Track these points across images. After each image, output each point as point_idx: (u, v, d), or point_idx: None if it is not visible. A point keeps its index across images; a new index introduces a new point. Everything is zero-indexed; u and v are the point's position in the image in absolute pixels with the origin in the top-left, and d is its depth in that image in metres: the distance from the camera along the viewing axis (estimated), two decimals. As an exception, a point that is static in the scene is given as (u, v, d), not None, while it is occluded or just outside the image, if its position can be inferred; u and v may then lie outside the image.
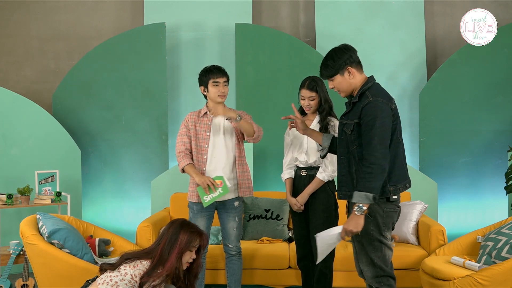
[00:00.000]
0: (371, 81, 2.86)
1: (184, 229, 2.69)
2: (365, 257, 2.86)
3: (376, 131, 2.68)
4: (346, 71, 2.81)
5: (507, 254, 3.46)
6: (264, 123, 4.35)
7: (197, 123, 3.61)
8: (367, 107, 2.72)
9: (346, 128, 2.84)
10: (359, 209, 2.65)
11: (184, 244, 2.65)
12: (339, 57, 2.81)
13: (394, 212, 2.86)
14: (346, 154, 2.86)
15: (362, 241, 2.85)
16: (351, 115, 2.83)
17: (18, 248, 4.06)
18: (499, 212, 5.44)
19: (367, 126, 2.70)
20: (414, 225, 4.38)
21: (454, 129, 5.52)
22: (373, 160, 2.65)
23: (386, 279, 2.85)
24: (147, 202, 5.53)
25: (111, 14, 5.93)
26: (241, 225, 3.68)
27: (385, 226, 2.82)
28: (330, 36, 5.67)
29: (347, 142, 2.85)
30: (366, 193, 2.64)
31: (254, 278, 4.22)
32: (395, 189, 2.80)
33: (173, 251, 2.63)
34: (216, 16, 5.72)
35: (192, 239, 2.68)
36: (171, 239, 2.66)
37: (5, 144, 5.02)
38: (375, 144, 2.67)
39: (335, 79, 2.84)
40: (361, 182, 2.67)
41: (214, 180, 3.44)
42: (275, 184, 5.36)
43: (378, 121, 2.69)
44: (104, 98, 5.61)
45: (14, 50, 5.90)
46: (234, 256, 3.66)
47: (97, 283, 2.62)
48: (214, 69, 3.58)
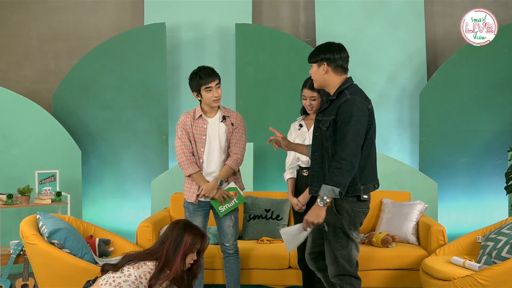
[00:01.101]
0: (349, 81, 2.94)
1: (188, 230, 2.70)
2: (330, 254, 2.92)
3: (350, 128, 2.74)
4: (322, 66, 2.94)
5: (507, 254, 3.46)
6: (264, 123, 4.36)
7: (193, 125, 3.57)
8: (345, 105, 2.80)
9: (321, 125, 2.92)
10: (322, 201, 2.74)
11: (189, 246, 2.66)
12: (324, 51, 2.95)
13: (363, 212, 2.92)
14: (319, 150, 2.93)
15: (329, 237, 2.90)
16: (327, 112, 2.91)
17: (18, 248, 4.05)
18: (499, 212, 5.44)
19: (343, 123, 2.77)
20: (414, 225, 4.38)
21: (454, 129, 5.52)
22: (344, 156, 2.72)
23: (349, 278, 2.90)
24: (147, 202, 5.53)
25: (111, 14, 5.93)
26: (237, 223, 3.67)
27: (352, 225, 2.88)
28: (330, 36, 5.62)
29: (321, 139, 2.92)
30: (333, 187, 2.71)
31: (254, 278, 4.22)
32: (365, 188, 2.86)
33: (178, 253, 2.64)
34: (216, 16, 5.72)
35: (196, 240, 2.69)
36: (176, 240, 2.67)
37: (5, 144, 5.02)
38: (348, 140, 2.73)
39: (313, 67, 3.00)
40: (330, 176, 2.74)
41: (228, 191, 3.49)
42: (275, 184, 5.36)
43: (354, 118, 2.76)
44: (104, 98, 5.60)
45: (14, 50, 5.90)
46: (232, 255, 3.66)
47: (98, 283, 2.62)
48: (203, 74, 3.46)
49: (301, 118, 3.71)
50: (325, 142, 2.88)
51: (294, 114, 3.89)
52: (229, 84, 5.53)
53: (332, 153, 2.84)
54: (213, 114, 3.59)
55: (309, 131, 3.59)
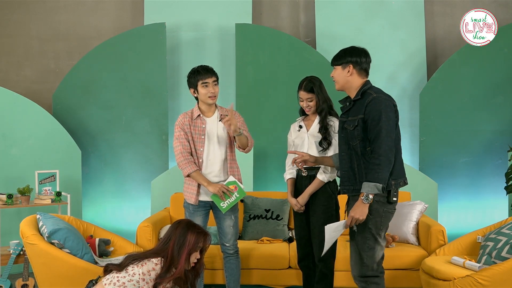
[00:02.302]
0: (369, 83, 3.04)
1: (191, 229, 2.71)
2: (356, 255, 2.94)
3: (383, 124, 2.82)
4: (347, 67, 3.00)
5: (507, 254, 3.46)
6: (264, 123, 4.36)
7: (191, 125, 3.56)
8: (372, 103, 2.87)
9: (347, 125, 2.97)
10: (366, 198, 2.79)
11: (192, 245, 2.68)
12: (350, 54, 3.01)
13: (391, 213, 2.96)
14: (347, 150, 2.99)
15: (356, 238, 2.93)
16: (353, 112, 2.97)
17: (18, 248, 4.06)
18: (499, 212, 5.44)
19: (373, 121, 2.84)
20: (414, 225, 4.38)
21: (454, 129, 5.52)
22: (381, 151, 2.79)
23: (373, 278, 2.93)
24: (147, 202, 5.53)
25: (111, 14, 5.93)
26: (237, 223, 3.67)
27: (382, 226, 2.92)
28: (330, 36, 5.67)
29: (347, 139, 2.97)
30: (375, 183, 2.77)
31: (254, 278, 4.22)
32: (396, 183, 2.90)
33: (183, 252, 2.66)
34: (216, 16, 5.72)
35: (199, 239, 2.70)
36: (179, 240, 2.68)
37: (5, 144, 5.02)
38: (383, 137, 2.81)
39: (337, 69, 3.04)
40: (370, 173, 2.80)
41: (227, 186, 3.46)
42: (275, 184, 5.36)
43: (384, 115, 2.84)
44: (104, 98, 5.60)
45: (14, 50, 5.90)
46: (232, 255, 3.65)
47: (102, 283, 2.62)
48: (202, 69, 3.52)
49: (301, 119, 3.70)
50: (352, 141, 2.94)
51: (294, 114, 3.89)
52: (229, 84, 5.53)
53: (361, 151, 2.90)
54: (210, 114, 3.60)
55: (308, 132, 3.59)
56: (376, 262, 2.94)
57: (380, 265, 2.98)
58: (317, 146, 3.51)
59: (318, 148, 3.51)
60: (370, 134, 2.85)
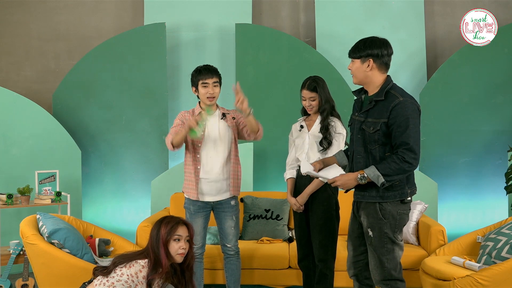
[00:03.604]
0: (391, 80, 2.85)
1: (163, 222, 2.71)
2: (375, 260, 2.83)
3: (410, 132, 2.67)
4: (367, 62, 2.81)
5: (507, 254, 3.46)
6: (264, 123, 4.34)
7: None
8: (399, 107, 2.70)
9: (366, 126, 2.79)
10: (362, 178, 2.69)
11: (165, 236, 2.66)
12: (370, 47, 2.82)
13: (406, 214, 2.84)
14: (363, 153, 2.82)
15: (374, 243, 2.81)
16: (374, 113, 2.79)
17: (18, 248, 4.06)
18: (499, 212, 5.44)
19: (400, 127, 2.68)
20: (414, 225, 4.38)
21: (454, 129, 5.52)
22: (409, 159, 2.65)
23: (394, 282, 2.82)
24: (147, 202, 5.53)
25: (111, 14, 5.93)
26: (238, 224, 3.67)
27: (398, 228, 2.81)
28: (330, 36, 5.67)
29: (364, 141, 2.81)
30: (382, 175, 2.65)
31: (254, 278, 4.22)
32: (411, 192, 2.82)
33: (160, 246, 2.65)
34: (216, 16, 5.72)
35: (171, 229, 2.68)
36: (153, 236, 2.69)
37: (5, 144, 5.02)
38: (412, 144, 2.66)
39: (356, 62, 2.84)
40: (384, 165, 2.67)
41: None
42: (275, 184, 5.36)
43: (411, 121, 2.68)
44: (104, 98, 5.60)
45: (14, 50, 5.89)
46: (233, 256, 3.65)
47: (93, 284, 2.63)
48: (204, 69, 3.55)
49: (302, 119, 3.71)
50: (370, 145, 2.78)
51: (294, 114, 3.89)
52: (229, 84, 5.51)
53: (380, 156, 2.75)
54: (211, 112, 3.61)
55: (309, 132, 3.59)
56: (398, 263, 2.83)
57: (401, 270, 2.85)
58: (318, 146, 3.51)
59: (319, 148, 3.51)
60: (395, 140, 2.69)
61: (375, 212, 2.78)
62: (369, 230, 2.80)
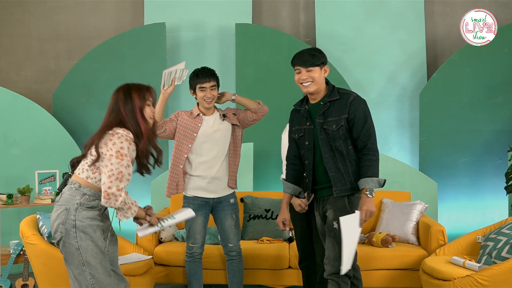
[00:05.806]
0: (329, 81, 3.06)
1: (133, 89, 2.62)
2: (335, 252, 2.92)
3: (371, 122, 2.93)
4: (324, 68, 2.99)
5: (507, 254, 3.46)
6: (264, 123, 4.35)
7: (187, 121, 3.61)
8: (356, 102, 2.93)
9: (327, 126, 2.93)
10: (371, 193, 2.84)
11: (139, 100, 2.60)
12: (322, 54, 3.01)
13: None
14: (329, 151, 2.95)
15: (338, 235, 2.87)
16: (332, 112, 2.94)
17: (18, 248, 4.06)
18: (499, 212, 5.43)
19: (360, 119, 2.90)
20: (414, 225, 4.38)
21: (454, 129, 5.52)
22: (375, 148, 2.91)
23: (344, 277, 2.92)
24: (147, 202, 5.53)
25: (111, 14, 5.93)
26: (239, 224, 3.66)
27: None
28: (330, 36, 5.67)
29: (328, 140, 2.94)
30: (377, 178, 2.85)
31: (254, 278, 4.22)
32: None
33: (137, 113, 2.58)
34: (216, 16, 5.72)
35: (143, 92, 2.62)
36: (126, 101, 2.59)
37: (5, 144, 5.02)
38: (372, 133, 2.92)
39: (316, 70, 2.95)
40: (371, 169, 2.86)
41: None
42: (275, 184, 5.35)
43: (368, 113, 2.94)
44: (104, 98, 5.52)
45: (14, 50, 5.90)
46: (235, 257, 3.64)
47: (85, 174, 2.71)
48: (201, 73, 3.59)
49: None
50: (335, 142, 2.93)
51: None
52: (229, 84, 5.53)
53: (346, 150, 2.92)
54: (210, 113, 3.62)
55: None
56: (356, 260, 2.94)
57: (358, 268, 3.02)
58: None
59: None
60: (358, 133, 2.90)
61: (343, 205, 2.92)
62: (335, 223, 2.91)
